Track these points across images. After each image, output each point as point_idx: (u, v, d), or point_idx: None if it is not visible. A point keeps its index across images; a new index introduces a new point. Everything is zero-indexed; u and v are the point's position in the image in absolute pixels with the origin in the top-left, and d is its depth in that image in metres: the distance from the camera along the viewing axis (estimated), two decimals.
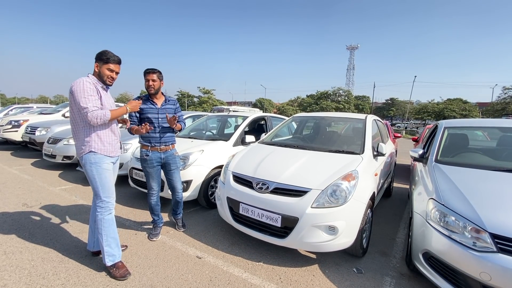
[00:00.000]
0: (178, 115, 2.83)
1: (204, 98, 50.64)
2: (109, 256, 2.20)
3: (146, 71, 2.69)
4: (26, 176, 5.17)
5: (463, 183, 2.27)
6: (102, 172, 2.22)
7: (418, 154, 3.15)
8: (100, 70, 2.23)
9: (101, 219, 2.21)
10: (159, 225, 2.99)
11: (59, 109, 9.18)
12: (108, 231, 2.22)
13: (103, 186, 2.22)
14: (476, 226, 1.80)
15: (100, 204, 2.23)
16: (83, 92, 2.06)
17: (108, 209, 2.24)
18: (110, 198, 2.26)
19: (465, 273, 1.77)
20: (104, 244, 2.19)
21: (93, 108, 2.08)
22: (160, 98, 2.83)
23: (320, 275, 2.37)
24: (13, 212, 3.39)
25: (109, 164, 2.28)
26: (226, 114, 6.11)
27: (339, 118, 4.49)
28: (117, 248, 2.26)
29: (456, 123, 3.74)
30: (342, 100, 49.27)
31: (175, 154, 2.92)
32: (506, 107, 35.18)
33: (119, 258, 2.26)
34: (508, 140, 3.42)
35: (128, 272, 2.22)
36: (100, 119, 2.10)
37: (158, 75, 2.73)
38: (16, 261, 2.34)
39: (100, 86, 2.25)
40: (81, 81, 2.11)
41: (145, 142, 2.79)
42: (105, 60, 2.22)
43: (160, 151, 2.79)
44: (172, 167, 2.89)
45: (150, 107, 2.75)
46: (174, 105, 2.93)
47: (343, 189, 2.38)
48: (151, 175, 2.84)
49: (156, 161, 2.80)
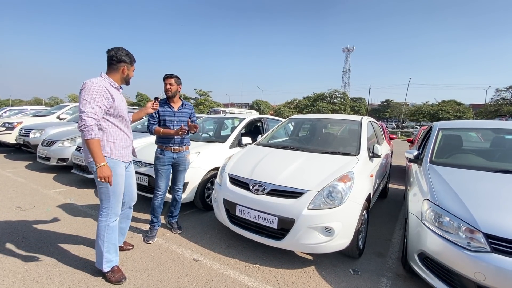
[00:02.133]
0: (193, 119, 3.07)
1: (201, 100, 50.54)
2: (107, 262, 2.14)
3: (165, 76, 2.89)
4: (20, 179, 5.11)
5: (457, 184, 2.29)
6: (115, 177, 2.07)
7: (413, 155, 3.18)
8: (129, 72, 2.19)
9: (105, 226, 2.12)
10: (156, 227, 3.00)
11: (53, 111, 9.10)
12: (110, 238, 2.15)
13: (114, 192, 2.12)
14: (470, 227, 1.82)
15: (106, 211, 2.13)
16: (89, 95, 1.92)
17: (115, 215, 2.18)
18: (119, 205, 2.19)
19: (459, 273, 1.78)
20: (104, 250, 2.12)
21: (91, 115, 1.91)
22: (177, 102, 3.00)
23: (317, 277, 2.37)
24: (6, 216, 3.34)
25: (122, 169, 2.17)
26: (223, 116, 6.11)
27: (335, 120, 4.52)
28: (115, 253, 2.21)
29: (450, 125, 3.78)
30: (338, 102, 49.52)
31: (186, 156, 3.05)
32: (500, 109, 35.70)
33: (116, 263, 2.22)
34: (501, 141, 3.47)
35: (124, 277, 2.18)
36: (87, 132, 1.89)
37: (176, 80, 2.90)
38: (9, 265, 2.30)
39: (115, 87, 2.12)
40: (93, 82, 1.96)
41: (160, 142, 2.94)
42: (132, 61, 2.19)
43: (174, 152, 2.93)
44: (180, 167, 3.02)
45: (167, 110, 2.93)
46: (190, 110, 3.09)
47: (339, 190, 2.39)
48: (161, 173, 2.94)
49: (168, 160, 2.93)
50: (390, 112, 58.77)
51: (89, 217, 3.45)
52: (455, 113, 37.74)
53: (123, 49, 2.13)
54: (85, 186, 4.82)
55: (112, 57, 2.10)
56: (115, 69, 2.13)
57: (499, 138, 3.53)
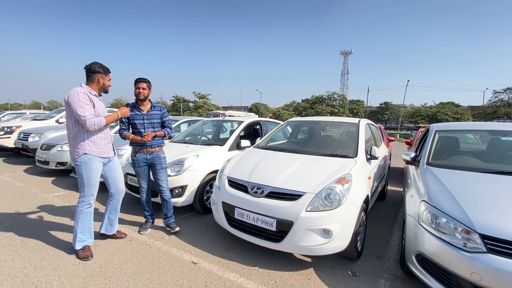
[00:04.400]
0: (164, 119, 3.18)
1: (200, 103, 50.68)
2: (79, 242, 2.53)
3: (137, 80, 2.98)
4: (19, 183, 5.10)
5: (453, 185, 2.32)
6: (90, 171, 2.51)
7: (410, 157, 3.21)
8: (104, 81, 2.58)
9: (80, 211, 2.54)
10: (150, 220, 3.24)
11: (52, 115, 9.09)
12: (84, 221, 2.56)
13: (88, 184, 2.53)
14: (466, 227, 1.84)
15: (82, 198, 2.54)
16: (79, 101, 2.34)
17: (89, 203, 2.58)
18: (92, 195, 2.58)
19: (456, 274, 1.80)
20: (78, 231, 2.53)
21: (90, 116, 2.37)
22: (147, 105, 3.08)
23: (316, 279, 2.38)
24: (5, 220, 3.34)
25: (98, 164, 2.56)
26: (222, 119, 6.13)
27: (333, 122, 4.55)
28: (89, 235, 2.61)
29: (447, 127, 3.82)
30: (337, 105, 49.73)
31: (161, 156, 3.14)
32: (497, 110, 35.93)
33: (89, 243, 2.60)
34: (498, 142, 3.50)
35: (91, 254, 2.52)
36: (97, 125, 2.41)
37: (148, 84, 3.02)
38: (8, 269, 2.30)
39: (94, 95, 2.53)
40: (75, 92, 2.37)
41: (133, 144, 3.09)
42: (106, 71, 2.58)
43: (147, 153, 3.05)
44: (157, 167, 3.11)
45: (137, 113, 3.01)
46: (160, 111, 3.16)
47: (337, 193, 2.41)
48: (139, 174, 3.13)
49: (143, 161, 3.07)
50: (389, 114, 59.00)
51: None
52: (453, 115, 37.95)
53: (96, 63, 2.55)
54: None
55: (88, 70, 2.52)
56: (92, 80, 2.54)
57: (495, 140, 3.56)
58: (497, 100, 38.31)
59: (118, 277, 2.27)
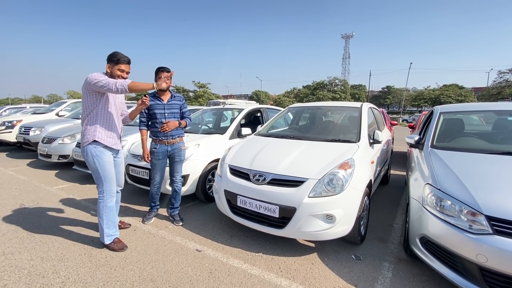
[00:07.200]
0: (184, 110, 3.15)
1: (200, 93, 50.15)
2: (108, 236, 2.53)
3: (159, 69, 2.89)
4: (22, 177, 5.13)
5: (458, 167, 2.27)
6: (104, 164, 2.45)
7: (414, 140, 3.16)
8: (112, 71, 2.44)
9: (103, 206, 2.49)
10: (154, 210, 3.26)
11: (52, 108, 9.06)
12: (109, 216, 2.52)
13: (105, 178, 2.47)
14: (472, 209, 1.81)
15: (102, 193, 2.49)
16: (98, 76, 2.29)
17: (110, 196, 2.52)
18: (112, 188, 2.53)
19: (461, 255, 1.79)
20: (105, 226, 2.51)
21: (111, 81, 2.27)
22: (167, 95, 3.04)
23: (319, 263, 2.39)
24: (10, 213, 3.37)
25: (110, 157, 2.51)
26: (222, 107, 6.06)
27: (335, 107, 4.47)
28: (115, 229, 2.60)
29: (451, 108, 3.73)
30: (338, 90, 49.07)
31: (181, 148, 3.11)
32: (502, 91, 35.26)
33: (117, 235, 2.60)
34: (503, 123, 3.43)
35: (125, 246, 2.55)
36: (120, 85, 2.26)
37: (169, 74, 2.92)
38: (15, 261, 2.33)
39: None
40: (92, 74, 2.34)
41: (154, 136, 3.03)
42: (115, 61, 2.43)
43: (168, 144, 3.01)
44: (176, 159, 3.09)
45: (157, 103, 2.96)
46: (180, 101, 3.13)
47: (340, 178, 2.38)
48: (156, 167, 3.07)
49: (163, 154, 3.03)
50: (391, 98, 58.27)
51: (93, 211, 3.47)
52: (457, 97, 37.37)
53: (113, 53, 2.47)
54: (87, 182, 4.85)
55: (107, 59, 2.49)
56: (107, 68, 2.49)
57: (501, 120, 3.48)
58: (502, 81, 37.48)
59: (124, 266, 2.30)
